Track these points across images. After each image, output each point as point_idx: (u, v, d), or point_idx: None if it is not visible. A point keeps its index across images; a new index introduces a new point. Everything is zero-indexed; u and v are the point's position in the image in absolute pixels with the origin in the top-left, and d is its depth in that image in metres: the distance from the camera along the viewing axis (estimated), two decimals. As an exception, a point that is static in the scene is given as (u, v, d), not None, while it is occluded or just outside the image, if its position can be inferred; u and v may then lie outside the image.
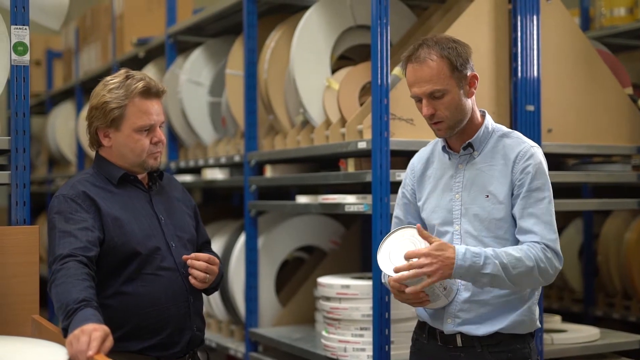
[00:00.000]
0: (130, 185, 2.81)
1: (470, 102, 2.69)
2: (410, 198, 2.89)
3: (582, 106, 3.84)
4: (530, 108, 3.63)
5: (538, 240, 2.59)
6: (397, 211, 2.93)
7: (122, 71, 2.79)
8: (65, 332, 2.31)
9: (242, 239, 4.50)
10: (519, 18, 3.63)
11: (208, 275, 2.77)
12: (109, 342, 2.22)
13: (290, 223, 4.53)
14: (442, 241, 2.56)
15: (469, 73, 2.66)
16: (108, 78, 2.78)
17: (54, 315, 7.28)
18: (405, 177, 2.93)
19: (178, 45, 5.44)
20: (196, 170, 5.09)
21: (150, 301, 2.71)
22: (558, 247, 2.62)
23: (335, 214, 4.55)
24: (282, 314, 4.45)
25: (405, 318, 3.49)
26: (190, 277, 2.76)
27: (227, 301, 4.61)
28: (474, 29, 3.60)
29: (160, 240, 2.76)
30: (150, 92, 2.75)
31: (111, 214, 2.69)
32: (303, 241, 4.61)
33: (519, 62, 3.63)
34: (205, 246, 3.03)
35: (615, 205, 4.19)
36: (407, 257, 2.53)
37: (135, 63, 6.16)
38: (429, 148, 2.89)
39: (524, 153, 2.66)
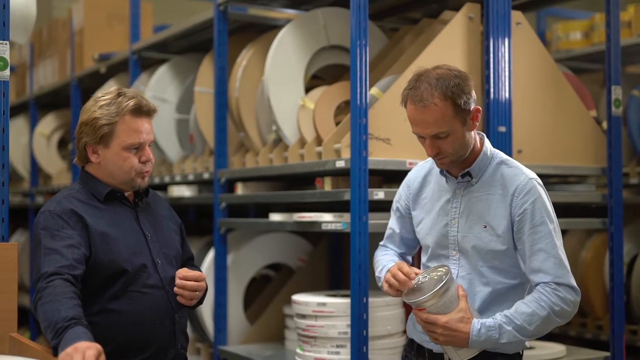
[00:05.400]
0: (117, 202, 2.79)
1: (473, 134, 2.67)
2: (403, 212, 2.89)
3: (550, 128, 3.92)
4: (502, 129, 3.69)
5: (549, 280, 2.57)
6: (393, 222, 2.95)
7: (114, 88, 2.77)
8: (55, 350, 2.29)
9: (210, 256, 4.49)
10: (491, 41, 3.70)
11: (197, 293, 2.78)
12: (102, 360, 2.21)
13: (258, 240, 4.52)
14: (462, 314, 2.55)
15: (472, 107, 2.62)
16: (99, 94, 2.76)
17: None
18: (400, 191, 2.92)
19: (142, 62, 5.42)
20: (161, 187, 5.06)
21: (135, 319, 2.69)
22: (571, 280, 2.58)
23: (302, 232, 4.57)
24: (250, 331, 4.44)
25: (380, 335, 3.52)
26: (178, 297, 2.76)
27: (194, 319, 4.58)
28: (448, 51, 3.65)
29: (146, 258, 2.75)
30: (142, 111, 2.74)
31: (98, 230, 2.67)
32: (271, 259, 4.61)
33: (492, 84, 3.69)
34: (189, 262, 3.02)
35: (581, 225, 4.28)
36: (425, 321, 2.56)
37: (96, 78, 6.11)
38: (427, 165, 2.87)
39: (522, 187, 2.63)
